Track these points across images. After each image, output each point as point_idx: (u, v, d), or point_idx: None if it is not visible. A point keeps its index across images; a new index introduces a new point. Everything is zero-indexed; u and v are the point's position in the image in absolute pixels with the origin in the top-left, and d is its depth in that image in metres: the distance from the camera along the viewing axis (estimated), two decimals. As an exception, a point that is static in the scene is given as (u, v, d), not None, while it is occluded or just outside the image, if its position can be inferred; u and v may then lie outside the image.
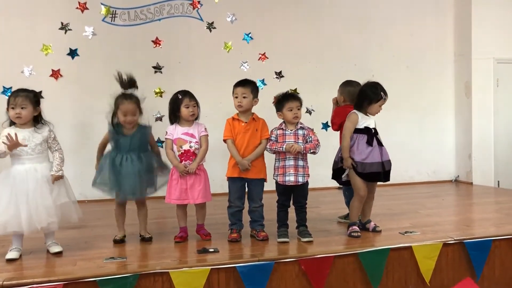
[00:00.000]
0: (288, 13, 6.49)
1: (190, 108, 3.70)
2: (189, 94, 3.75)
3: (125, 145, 3.63)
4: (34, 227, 3.29)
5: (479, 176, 6.87)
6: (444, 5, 7.10)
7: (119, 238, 3.73)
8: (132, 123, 3.64)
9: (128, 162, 3.60)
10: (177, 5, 6.13)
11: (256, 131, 3.73)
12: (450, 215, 4.77)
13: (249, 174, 3.69)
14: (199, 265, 3.12)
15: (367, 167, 3.74)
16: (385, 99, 3.82)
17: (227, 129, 3.76)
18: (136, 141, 3.65)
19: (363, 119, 3.82)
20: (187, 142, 3.69)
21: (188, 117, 3.71)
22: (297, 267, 3.25)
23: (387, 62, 6.79)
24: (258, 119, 3.79)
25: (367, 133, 3.79)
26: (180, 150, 3.69)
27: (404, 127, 6.89)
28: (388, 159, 3.85)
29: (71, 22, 5.76)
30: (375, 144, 3.79)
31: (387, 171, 3.82)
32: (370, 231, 3.89)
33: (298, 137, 3.66)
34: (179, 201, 3.71)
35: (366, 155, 3.75)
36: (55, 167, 3.39)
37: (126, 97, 3.65)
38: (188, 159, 3.69)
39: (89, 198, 5.53)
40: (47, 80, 5.72)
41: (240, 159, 3.66)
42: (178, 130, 3.72)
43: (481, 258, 3.57)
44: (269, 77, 6.34)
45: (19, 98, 3.34)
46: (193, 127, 3.76)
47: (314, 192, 4.63)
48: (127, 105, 3.61)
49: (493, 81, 6.93)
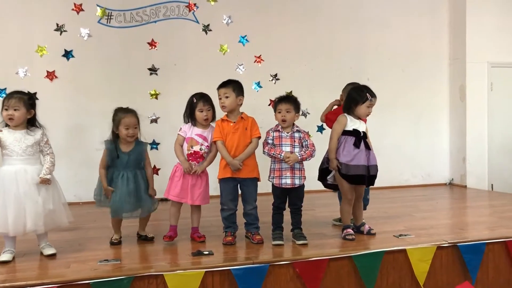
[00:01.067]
0: (284, 15, 6.51)
1: (204, 112, 3.72)
2: (204, 98, 3.74)
3: (121, 162, 3.63)
4: (21, 229, 3.27)
5: (473, 180, 6.91)
6: (439, 9, 7.14)
7: (116, 240, 3.72)
8: (134, 136, 3.66)
9: (124, 180, 3.60)
10: (173, 7, 6.13)
11: (246, 130, 3.72)
12: (444, 218, 4.78)
13: (242, 174, 3.68)
14: (193, 267, 3.12)
15: (352, 169, 3.73)
16: (371, 100, 3.81)
17: (216, 131, 3.75)
18: (133, 158, 3.66)
19: (352, 122, 3.83)
20: (198, 144, 3.72)
21: (202, 121, 3.74)
22: (292, 270, 3.25)
23: (382, 66, 6.82)
24: (247, 117, 3.77)
25: (355, 135, 3.79)
26: (190, 150, 3.71)
27: (399, 130, 6.92)
28: (375, 164, 3.82)
29: (66, 24, 5.74)
30: (362, 147, 3.77)
31: (372, 175, 3.80)
32: (365, 234, 3.89)
33: (294, 140, 3.66)
34: (177, 199, 3.71)
35: (352, 157, 3.73)
36: (44, 170, 3.37)
37: (126, 111, 3.68)
38: (195, 160, 3.71)
39: (84, 200, 5.52)
40: (42, 81, 5.70)
41: (230, 160, 3.65)
42: (193, 130, 3.74)
43: (475, 262, 3.58)
44: (264, 80, 6.35)
45: (12, 100, 3.34)
46: (208, 130, 3.78)
47: (310, 195, 4.62)
48: (129, 119, 3.63)
49: (487, 85, 6.98)
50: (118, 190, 3.59)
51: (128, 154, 3.65)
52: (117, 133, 3.66)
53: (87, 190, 5.78)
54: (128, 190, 3.59)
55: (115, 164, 3.64)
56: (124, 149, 3.66)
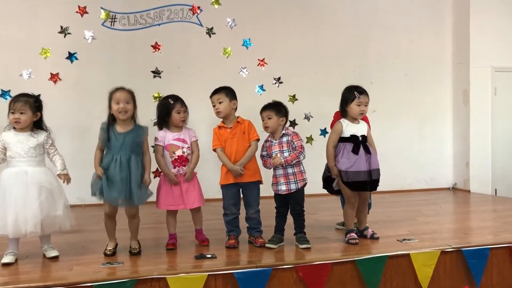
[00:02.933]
0: (288, 19, 6.52)
1: (181, 113, 3.68)
2: (180, 99, 3.72)
3: (116, 144, 3.40)
4: (20, 232, 3.26)
5: (477, 184, 6.88)
6: (443, 14, 7.14)
7: (110, 252, 3.47)
8: (126, 111, 3.42)
9: (116, 164, 3.37)
10: (177, 10, 6.14)
11: (244, 133, 3.71)
12: (447, 223, 4.76)
13: (244, 178, 3.67)
14: (196, 271, 3.11)
15: (352, 176, 3.71)
16: (359, 98, 3.76)
17: (214, 139, 3.75)
18: (129, 140, 3.42)
19: (349, 127, 3.80)
20: (179, 148, 3.66)
21: (179, 122, 3.69)
22: (295, 274, 3.23)
23: (385, 70, 6.82)
24: (243, 121, 3.76)
25: (352, 142, 3.77)
26: (173, 156, 3.64)
27: (402, 134, 6.91)
28: (377, 167, 3.79)
29: (70, 26, 5.75)
30: (362, 152, 3.74)
31: (374, 180, 3.77)
32: (368, 238, 3.88)
33: (282, 145, 3.68)
34: (173, 207, 3.67)
35: (351, 163, 3.71)
36: (60, 166, 3.43)
37: (118, 88, 3.51)
38: (181, 164, 3.66)
39: (86, 202, 5.51)
40: (46, 83, 5.71)
41: (231, 166, 3.64)
42: (168, 136, 3.67)
43: (480, 267, 3.56)
44: (268, 83, 6.34)
45: (19, 103, 3.35)
46: (184, 132, 3.73)
47: (312, 199, 4.63)
48: (120, 93, 3.45)
49: (491, 89, 6.96)
50: (109, 173, 3.36)
51: (124, 136, 3.42)
52: (112, 113, 3.48)
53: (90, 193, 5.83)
54: (120, 175, 3.35)
55: (110, 146, 3.43)
56: (120, 130, 3.44)
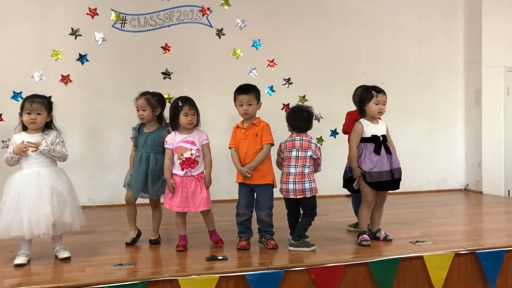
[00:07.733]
0: (297, 20, 6.49)
1: (189, 116, 3.65)
2: (189, 102, 3.68)
3: (140, 142, 3.83)
4: (33, 233, 3.27)
5: (489, 185, 6.78)
6: (454, 13, 7.06)
7: (129, 241, 3.81)
8: (143, 118, 3.83)
9: (137, 159, 3.79)
10: (187, 12, 6.14)
11: (256, 136, 3.67)
12: (461, 225, 4.71)
13: (254, 180, 3.65)
14: (208, 272, 3.10)
15: (375, 176, 3.72)
16: (377, 96, 3.77)
17: (231, 138, 3.77)
18: (151, 139, 3.79)
19: (369, 127, 3.80)
20: (188, 150, 3.64)
21: (186, 125, 3.67)
22: (307, 276, 3.21)
23: (396, 70, 6.76)
24: (259, 123, 3.72)
25: (374, 142, 3.76)
26: (181, 158, 3.63)
27: (414, 135, 6.83)
28: (398, 166, 3.81)
29: (81, 28, 5.76)
30: (383, 152, 3.75)
31: (396, 179, 3.79)
32: (381, 240, 3.84)
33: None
34: (180, 209, 3.64)
35: (374, 164, 3.71)
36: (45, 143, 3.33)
37: (140, 94, 3.91)
38: (189, 166, 3.64)
39: (97, 203, 5.53)
40: (57, 85, 5.72)
41: (239, 167, 3.64)
42: (177, 138, 3.67)
43: (495, 269, 3.51)
44: (277, 84, 6.32)
45: (36, 104, 3.36)
46: (193, 134, 3.71)
47: (323, 200, 4.60)
48: (137, 101, 3.86)
49: (504, 89, 6.86)
50: (134, 167, 3.80)
51: (146, 135, 3.82)
52: None
53: (101, 194, 5.86)
54: (139, 169, 3.76)
55: (137, 144, 3.88)
56: (145, 130, 3.88)
